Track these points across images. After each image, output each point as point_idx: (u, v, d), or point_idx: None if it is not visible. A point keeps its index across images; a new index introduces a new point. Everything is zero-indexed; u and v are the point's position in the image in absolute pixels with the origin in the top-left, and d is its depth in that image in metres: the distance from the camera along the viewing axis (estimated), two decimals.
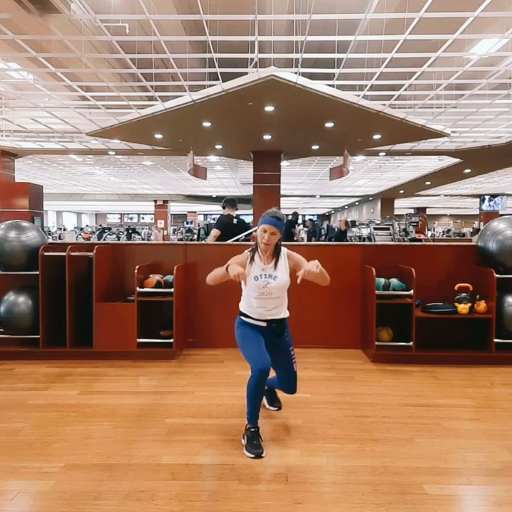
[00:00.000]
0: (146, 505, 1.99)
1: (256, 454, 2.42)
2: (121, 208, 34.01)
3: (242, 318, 2.74)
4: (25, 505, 2.01)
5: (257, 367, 2.47)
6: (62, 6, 5.65)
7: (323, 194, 25.89)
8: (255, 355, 2.54)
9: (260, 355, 2.52)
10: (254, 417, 2.55)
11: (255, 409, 2.54)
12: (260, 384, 2.49)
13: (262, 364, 2.47)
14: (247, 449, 2.45)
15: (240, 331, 2.73)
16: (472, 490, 2.15)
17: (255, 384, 2.48)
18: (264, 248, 2.59)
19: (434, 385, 3.57)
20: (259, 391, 2.53)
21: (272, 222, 2.54)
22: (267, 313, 2.65)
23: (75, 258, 4.27)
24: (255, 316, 2.67)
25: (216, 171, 17.35)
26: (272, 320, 2.67)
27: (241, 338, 2.69)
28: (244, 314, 2.72)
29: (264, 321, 2.67)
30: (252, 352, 2.57)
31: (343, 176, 11.40)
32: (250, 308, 2.67)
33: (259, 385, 2.49)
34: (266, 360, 2.50)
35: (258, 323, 2.68)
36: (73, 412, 3.00)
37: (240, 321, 2.76)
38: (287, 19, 7.38)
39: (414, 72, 7.08)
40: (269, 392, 3.07)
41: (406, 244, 5.46)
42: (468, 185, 19.97)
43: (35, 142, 11.89)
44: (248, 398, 2.53)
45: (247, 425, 2.56)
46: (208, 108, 8.42)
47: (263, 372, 2.45)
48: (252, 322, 2.69)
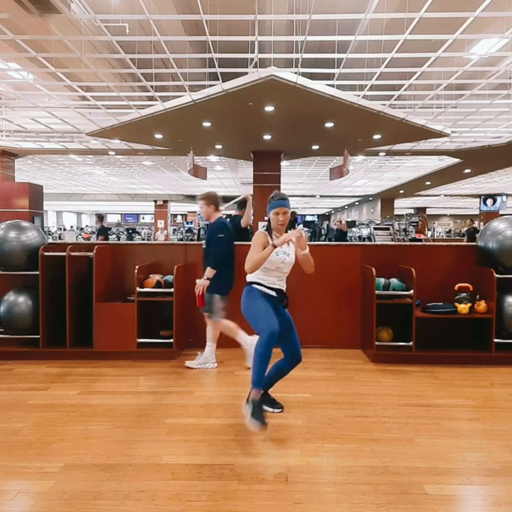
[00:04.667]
0: (146, 505, 1.99)
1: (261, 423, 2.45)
2: (121, 208, 34.02)
3: (254, 286, 2.83)
4: (25, 505, 2.01)
5: (269, 329, 2.52)
6: (62, 6, 5.66)
7: (323, 194, 25.89)
8: (265, 318, 2.61)
9: (269, 318, 2.60)
10: (261, 379, 2.58)
11: (262, 371, 2.57)
12: (270, 345, 2.53)
13: (271, 325, 2.54)
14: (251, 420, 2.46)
15: (250, 296, 2.81)
16: (472, 490, 2.15)
17: (266, 344, 2.52)
18: (281, 228, 2.80)
19: (434, 385, 3.57)
20: (267, 353, 2.54)
21: (281, 204, 2.77)
22: (277, 283, 2.85)
23: (75, 258, 4.27)
24: (267, 284, 2.82)
25: (216, 171, 17.35)
26: (279, 290, 2.86)
27: (251, 303, 2.77)
28: (256, 283, 2.83)
29: (273, 289, 2.83)
30: (263, 315, 2.64)
31: (343, 175, 11.39)
32: (264, 277, 2.82)
33: (267, 346, 2.52)
34: (275, 322, 2.58)
35: (268, 292, 2.82)
36: (73, 412, 3.00)
37: (251, 288, 2.84)
38: (287, 19, 7.38)
39: (414, 72, 7.08)
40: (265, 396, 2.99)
41: (406, 244, 5.47)
42: (468, 185, 19.98)
43: (35, 142, 11.89)
44: (255, 361, 2.54)
45: (252, 391, 2.56)
46: (208, 108, 8.42)
47: (272, 333, 2.51)
48: (263, 290, 2.82)
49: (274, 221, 2.80)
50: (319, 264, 4.65)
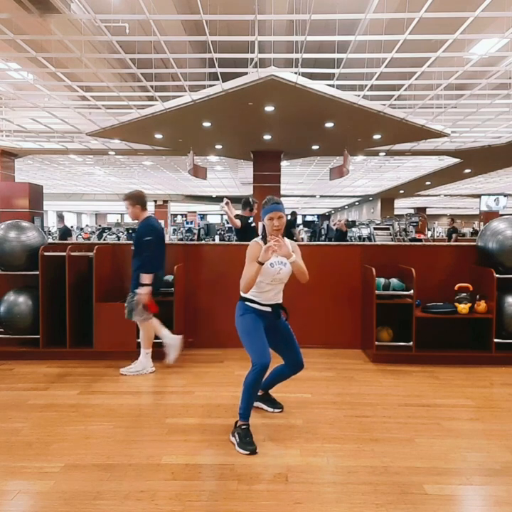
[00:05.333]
0: (146, 505, 1.99)
1: (251, 451, 2.42)
2: (121, 208, 33.96)
3: (247, 304, 2.71)
4: (25, 505, 2.01)
5: (259, 361, 2.47)
6: (62, 6, 5.66)
7: (323, 194, 25.90)
8: (260, 349, 2.53)
9: (264, 350, 2.52)
10: (248, 413, 2.57)
11: (250, 404, 2.56)
12: (260, 378, 2.51)
13: (263, 358, 2.48)
14: (241, 446, 2.46)
15: (243, 319, 2.69)
16: (472, 490, 2.15)
17: (255, 378, 2.49)
18: (276, 234, 2.61)
19: (434, 385, 3.57)
20: (258, 386, 2.55)
21: (276, 208, 2.63)
22: (273, 298, 2.71)
23: (75, 258, 4.27)
24: (262, 301, 2.69)
25: (216, 171, 17.36)
26: (275, 304, 2.74)
27: (245, 328, 2.66)
28: (250, 300, 2.70)
29: (269, 305, 2.70)
30: (257, 345, 2.55)
31: (343, 175, 11.40)
32: (259, 293, 2.68)
33: (258, 380, 2.51)
34: (269, 355, 2.51)
35: (263, 308, 2.69)
36: (73, 412, 3.00)
37: (244, 306, 2.72)
38: (287, 19, 7.38)
39: (414, 72, 7.09)
40: (265, 396, 3.07)
41: (406, 244, 5.47)
42: (468, 185, 19.99)
43: (35, 142, 11.90)
44: (245, 393, 2.54)
45: (239, 422, 2.57)
46: (208, 108, 8.42)
47: (264, 366, 2.47)
48: (257, 307, 2.69)
49: (268, 227, 2.67)
50: (319, 264, 4.67)
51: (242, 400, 2.55)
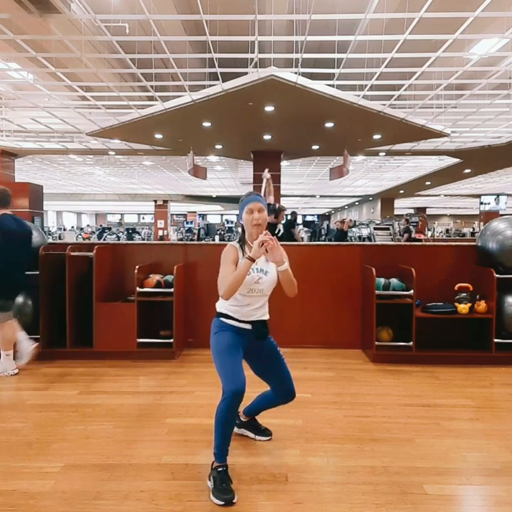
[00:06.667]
0: (146, 505, 1.99)
1: (226, 501, 1.98)
2: (121, 208, 34.01)
3: (223, 321, 2.31)
4: (25, 505, 2.01)
5: (229, 388, 2.04)
6: (62, 6, 5.65)
7: (323, 194, 25.89)
8: (229, 374, 2.10)
9: (235, 374, 2.09)
10: (224, 452, 2.12)
11: (225, 442, 2.11)
12: (232, 409, 2.05)
13: (235, 385, 2.04)
14: (215, 495, 2.01)
15: (217, 337, 2.28)
16: (472, 490, 2.15)
17: (227, 408, 2.04)
18: (257, 231, 2.21)
19: (434, 385, 3.57)
20: (231, 418, 2.09)
21: (256, 199, 2.25)
22: (253, 313, 2.28)
23: (75, 258, 4.27)
24: (239, 317, 2.27)
25: (216, 171, 17.35)
26: (257, 321, 2.30)
27: (217, 348, 2.25)
28: (226, 315, 2.30)
29: (249, 322, 2.28)
30: (227, 368, 2.13)
31: (343, 175, 11.40)
32: (235, 308, 2.27)
33: (231, 410, 2.05)
34: (241, 380, 2.07)
35: (242, 326, 2.28)
36: (73, 412, 3.00)
37: (219, 324, 2.32)
38: (287, 19, 7.38)
39: (414, 72, 7.09)
40: (251, 422, 2.68)
41: (406, 244, 5.46)
42: (468, 185, 19.98)
43: (35, 142, 11.90)
44: (216, 428, 2.09)
45: (214, 463, 2.15)
46: (208, 108, 8.42)
47: (236, 394, 2.03)
48: (234, 324, 2.28)
49: (248, 223, 2.24)
50: (319, 264, 4.68)
51: (216, 437, 2.11)
